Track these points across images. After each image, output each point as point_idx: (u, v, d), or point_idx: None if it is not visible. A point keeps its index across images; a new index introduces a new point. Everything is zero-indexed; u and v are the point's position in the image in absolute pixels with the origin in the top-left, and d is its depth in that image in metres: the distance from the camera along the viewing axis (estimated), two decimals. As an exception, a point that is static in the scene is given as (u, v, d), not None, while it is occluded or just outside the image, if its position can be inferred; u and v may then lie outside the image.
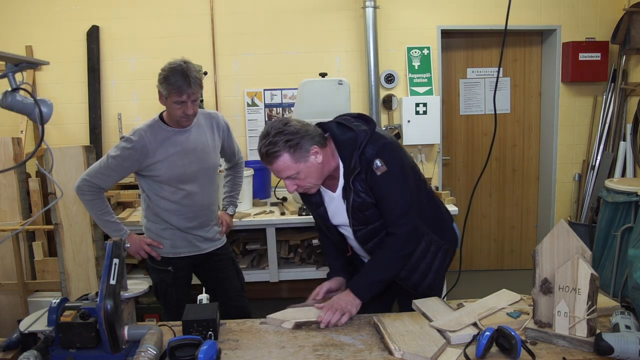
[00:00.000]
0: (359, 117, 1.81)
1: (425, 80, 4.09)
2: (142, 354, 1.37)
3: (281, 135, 1.63)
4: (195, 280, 2.50)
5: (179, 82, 2.09)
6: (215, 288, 2.44)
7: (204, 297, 1.78)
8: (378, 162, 1.69)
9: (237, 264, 2.56)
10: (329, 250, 2.03)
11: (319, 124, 1.78)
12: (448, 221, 2.00)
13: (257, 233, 3.47)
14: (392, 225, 1.77)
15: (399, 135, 4.01)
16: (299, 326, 1.66)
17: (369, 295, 1.76)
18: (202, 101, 3.19)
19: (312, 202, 1.87)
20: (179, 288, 2.39)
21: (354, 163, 1.70)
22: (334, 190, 1.81)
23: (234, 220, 2.68)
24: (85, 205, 2.28)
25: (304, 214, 3.22)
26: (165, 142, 2.22)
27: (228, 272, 2.48)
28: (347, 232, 1.88)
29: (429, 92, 4.07)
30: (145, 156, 2.19)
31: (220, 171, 2.64)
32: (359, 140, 1.70)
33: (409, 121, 3.99)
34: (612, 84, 4.20)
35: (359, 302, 1.73)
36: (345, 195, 1.76)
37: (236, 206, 2.65)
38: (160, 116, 2.27)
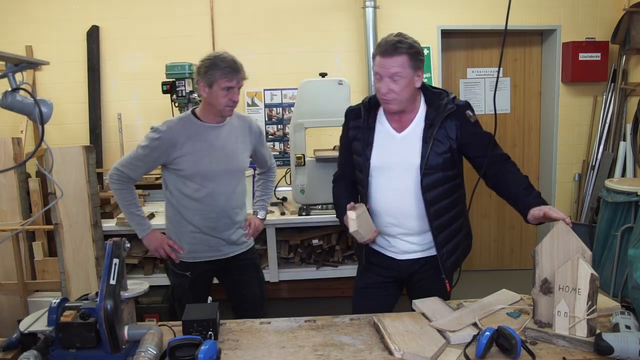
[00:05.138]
0: None
1: (425, 80, 4.02)
2: (142, 354, 1.37)
3: (409, 40, 1.83)
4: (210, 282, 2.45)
5: (230, 67, 2.09)
6: (235, 294, 2.40)
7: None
8: (470, 112, 1.89)
9: (260, 272, 2.47)
10: (340, 196, 2.08)
11: None
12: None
13: (257, 233, 3.47)
14: (501, 156, 1.90)
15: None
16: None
17: None
18: (201, 101, 3.18)
19: (367, 139, 1.94)
20: (196, 293, 2.28)
21: (447, 104, 1.87)
22: (399, 131, 1.93)
23: None
24: (114, 194, 2.24)
25: (304, 214, 3.23)
26: (194, 136, 2.18)
27: (249, 279, 2.40)
28: (391, 177, 1.91)
29: (429, 92, 4.06)
30: (173, 148, 2.15)
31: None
32: (448, 93, 1.93)
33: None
34: (612, 84, 4.20)
35: None
36: (425, 136, 1.87)
37: (267, 211, 2.57)
38: (193, 112, 2.25)
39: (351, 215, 1.80)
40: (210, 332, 1.57)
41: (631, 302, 1.64)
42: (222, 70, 2.08)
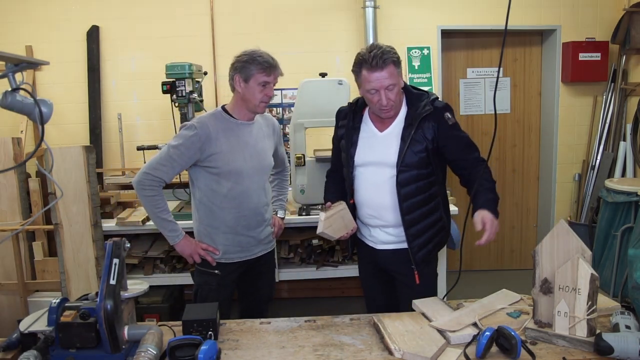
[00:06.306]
0: None
1: (425, 80, 4.09)
2: (142, 354, 1.37)
3: (389, 49, 1.90)
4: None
5: (268, 62, 2.11)
6: (249, 295, 2.39)
7: None
8: (449, 114, 1.95)
9: (274, 275, 2.47)
10: (328, 190, 2.23)
11: None
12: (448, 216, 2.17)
13: (257, 233, 3.46)
14: (476, 159, 1.99)
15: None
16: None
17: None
18: (201, 101, 3.18)
19: (351, 139, 2.05)
20: (222, 295, 2.21)
21: (425, 105, 1.93)
22: (381, 131, 2.03)
23: None
24: (142, 201, 2.12)
25: (304, 214, 3.22)
26: (228, 132, 2.15)
27: (265, 281, 2.40)
28: (372, 172, 2.01)
29: (429, 92, 4.07)
30: (208, 144, 2.10)
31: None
32: (429, 94, 2.00)
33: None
34: (612, 84, 4.20)
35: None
36: (403, 135, 1.95)
37: (285, 210, 2.57)
38: (223, 108, 2.22)
39: (321, 216, 1.90)
40: (210, 332, 1.57)
41: (631, 302, 1.64)
42: (260, 65, 2.09)
